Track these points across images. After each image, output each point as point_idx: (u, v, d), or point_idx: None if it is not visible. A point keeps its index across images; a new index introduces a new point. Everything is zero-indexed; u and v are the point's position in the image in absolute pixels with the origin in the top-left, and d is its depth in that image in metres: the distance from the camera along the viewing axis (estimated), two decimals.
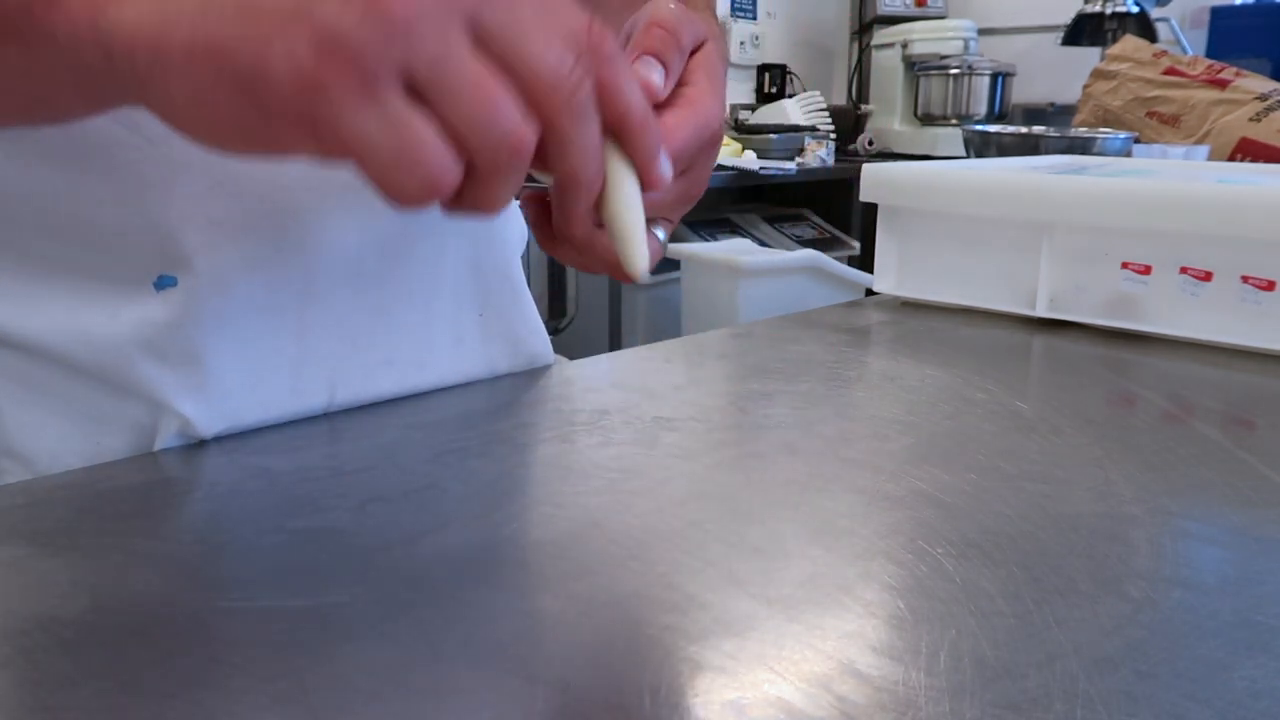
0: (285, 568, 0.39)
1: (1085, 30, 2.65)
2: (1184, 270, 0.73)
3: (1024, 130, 1.85)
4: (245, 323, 0.52)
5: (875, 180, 0.89)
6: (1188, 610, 0.35)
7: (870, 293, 0.92)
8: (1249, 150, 1.55)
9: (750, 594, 0.36)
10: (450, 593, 0.37)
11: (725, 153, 2.61)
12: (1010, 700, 0.30)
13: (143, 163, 0.47)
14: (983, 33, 3.22)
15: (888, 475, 0.48)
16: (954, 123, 2.99)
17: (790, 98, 3.13)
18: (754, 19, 3.39)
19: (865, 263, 2.31)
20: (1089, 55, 2.60)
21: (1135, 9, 2.59)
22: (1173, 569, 0.39)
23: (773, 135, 2.78)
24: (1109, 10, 2.61)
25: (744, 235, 2.53)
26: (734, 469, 0.50)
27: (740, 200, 2.90)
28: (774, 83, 3.29)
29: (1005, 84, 3.10)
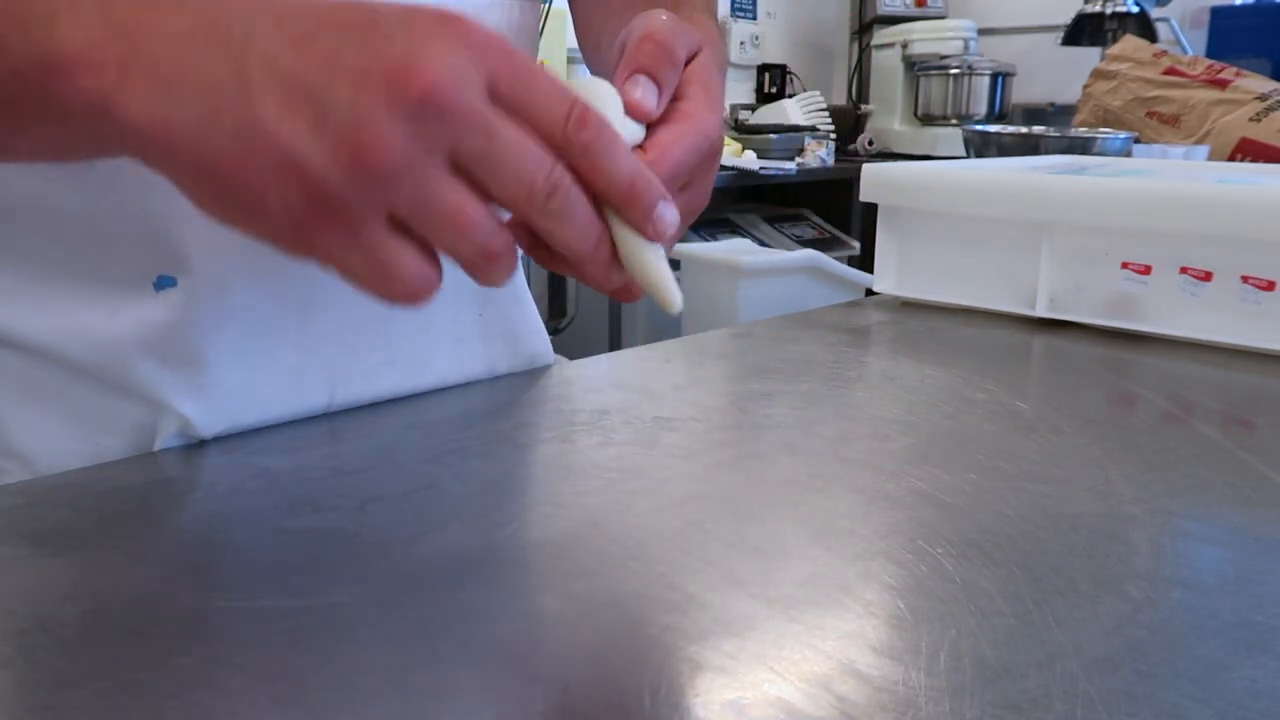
0: (285, 568, 0.39)
1: (1085, 30, 2.65)
2: (1184, 270, 0.73)
3: (1024, 130, 1.85)
4: (245, 323, 0.52)
5: (875, 180, 0.89)
6: (1188, 610, 0.35)
7: (870, 293, 0.92)
8: (1249, 150, 1.55)
9: (750, 594, 0.36)
10: (450, 593, 0.37)
11: (725, 153, 2.60)
12: (1010, 700, 0.30)
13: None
14: (983, 33, 3.22)
15: (888, 475, 0.48)
16: (954, 123, 2.99)
17: (790, 98, 3.13)
18: (754, 19, 3.39)
19: (865, 263, 2.30)
20: (1089, 55, 2.60)
21: (1135, 9, 2.59)
22: (1173, 569, 0.39)
23: (773, 135, 2.78)
24: (1109, 10, 2.61)
25: (744, 235, 2.53)
26: (734, 469, 0.50)
27: (740, 200, 2.90)
28: (774, 83, 3.29)
29: (1005, 84, 3.10)
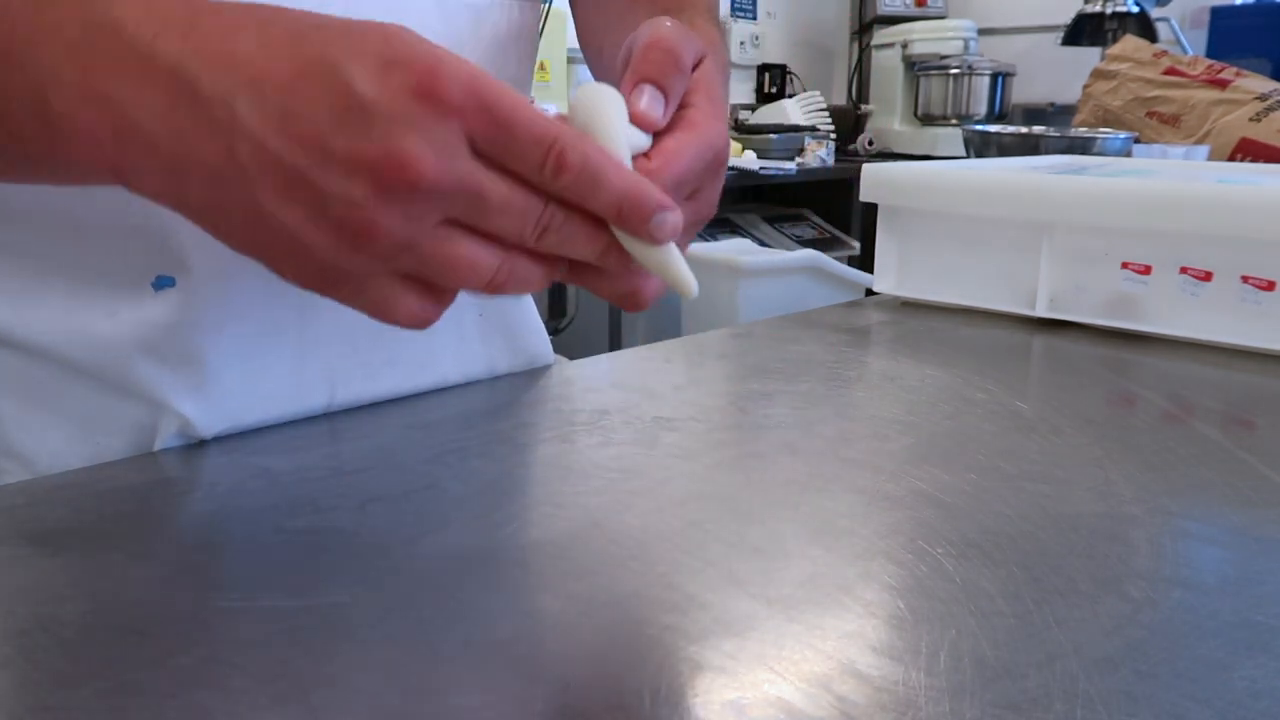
0: (285, 568, 0.39)
1: (1085, 30, 2.65)
2: (1184, 270, 0.73)
3: (1024, 130, 1.85)
4: (245, 323, 0.52)
5: (875, 180, 0.89)
6: (1188, 610, 0.35)
7: (870, 293, 0.92)
8: (1249, 150, 1.55)
9: (750, 594, 0.36)
10: (450, 593, 0.37)
11: None
12: (1010, 700, 0.30)
13: None
14: (983, 33, 3.22)
15: (888, 475, 0.48)
16: (954, 123, 2.99)
17: (790, 98, 3.13)
18: (754, 19, 3.39)
19: (865, 263, 2.31)
20: (1089, 55, 2.60)
21: (1135, 9, 2.59)
22: (1173, 569, 0.39)
23: (773, 135, 2.77)
24: (1109, 10, 2.61)
25: (744, 235, 2.52)
26: (734, 469, 0.50)
27: (740, 200, 2.90)
28: (774, 83, 3.29)
29: (1005, 84, 3.10)
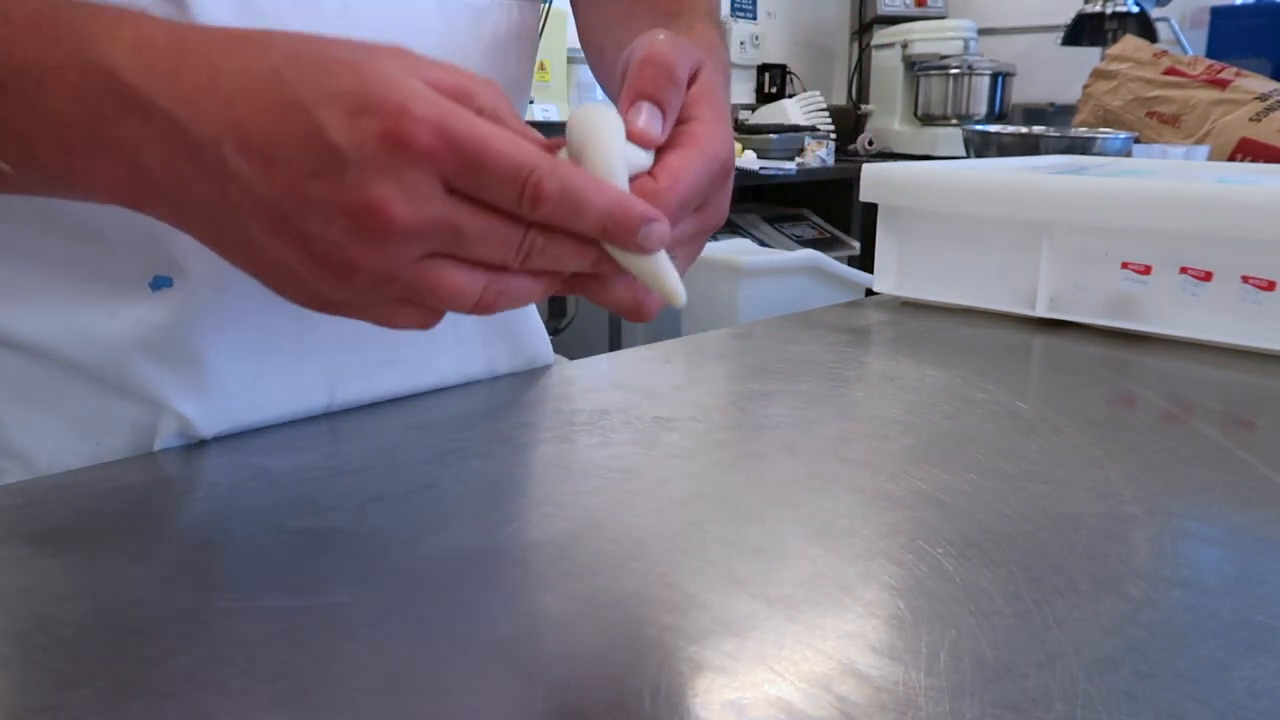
0: (285, 568, 0.39)
1: (1085, 30, 2.65)
2: (1184, 270, 0.73)
3: (1024, 130, 1.85)
4: (244, 323, 0.52)
5: (875, 180, 0.89)
6: (1188, 610, 0.35)
7: (870, 293, 0.92)
8: (1249, 150, 1.55)
9: (750, 594, 0.36)
10: (450, 593, 0.37)
11: None
12: (1010, 700, 0.30)
13: None
14: (983, 33, 3.22)
15: (888, 475, 0.48)
16: (954, 123, 2.99)
17: (790, 98, 3.13)
18: (754, 19, 3.39)
19: (865, 263, 2.31)
20: (1089, 55, 2.60)
21: (1135, 9, 2.59)
22: (1173, 569, 0.39)
23: (773, 135, 2.77)
24: (1109, 10, 2.61)
25: (744, 235, 2.52)
26: (734, 469, 0.50)
27: (740, 200, 2.89)
28: (774, 83, 3.29)
29: (1005, 84, 3.09)
